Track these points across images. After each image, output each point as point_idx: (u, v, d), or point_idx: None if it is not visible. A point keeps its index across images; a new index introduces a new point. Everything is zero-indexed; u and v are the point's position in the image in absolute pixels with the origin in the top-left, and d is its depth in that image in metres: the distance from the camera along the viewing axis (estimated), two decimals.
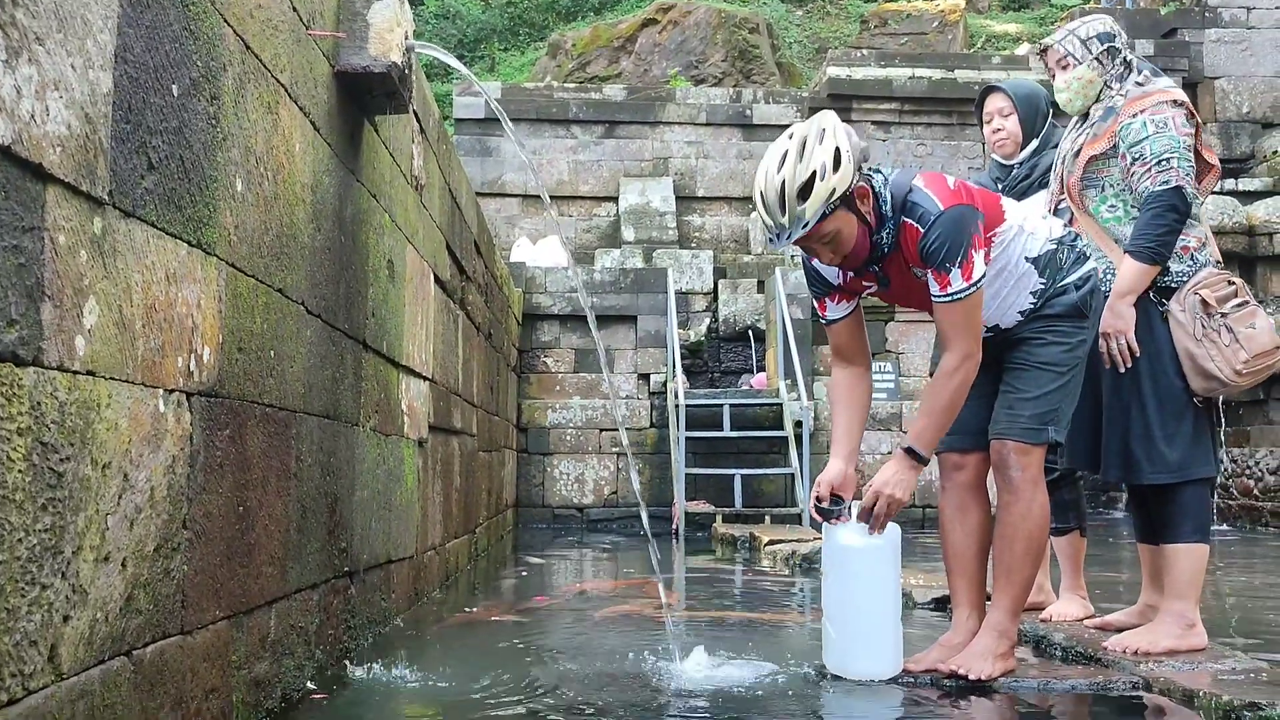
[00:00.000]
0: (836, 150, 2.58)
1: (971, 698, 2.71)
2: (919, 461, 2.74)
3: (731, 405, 9.31)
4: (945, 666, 2.82)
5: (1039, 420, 2.79)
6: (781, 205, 2.59)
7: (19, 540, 1.38)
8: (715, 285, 11.09)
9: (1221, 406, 3.48)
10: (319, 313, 2.75)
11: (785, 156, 2.61)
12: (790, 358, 9.11)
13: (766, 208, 2.63)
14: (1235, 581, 5.50)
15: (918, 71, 12.90)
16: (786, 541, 6.61)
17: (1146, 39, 13.19)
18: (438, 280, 4.62)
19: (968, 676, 2.76)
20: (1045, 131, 3.75)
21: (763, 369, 10.20)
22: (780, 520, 8.44)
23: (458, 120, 12.77)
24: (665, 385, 9.67)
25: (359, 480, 3.24)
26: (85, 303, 1.55)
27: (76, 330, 1.53)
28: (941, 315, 2.72)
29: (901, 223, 2.69)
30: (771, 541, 6.69)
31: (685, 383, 9.44)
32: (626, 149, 13.14)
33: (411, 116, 3.77)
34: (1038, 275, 2.83)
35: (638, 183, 12.89)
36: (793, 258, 10.14)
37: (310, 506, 2.72)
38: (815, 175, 2.56)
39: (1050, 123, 3.77)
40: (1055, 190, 3.41)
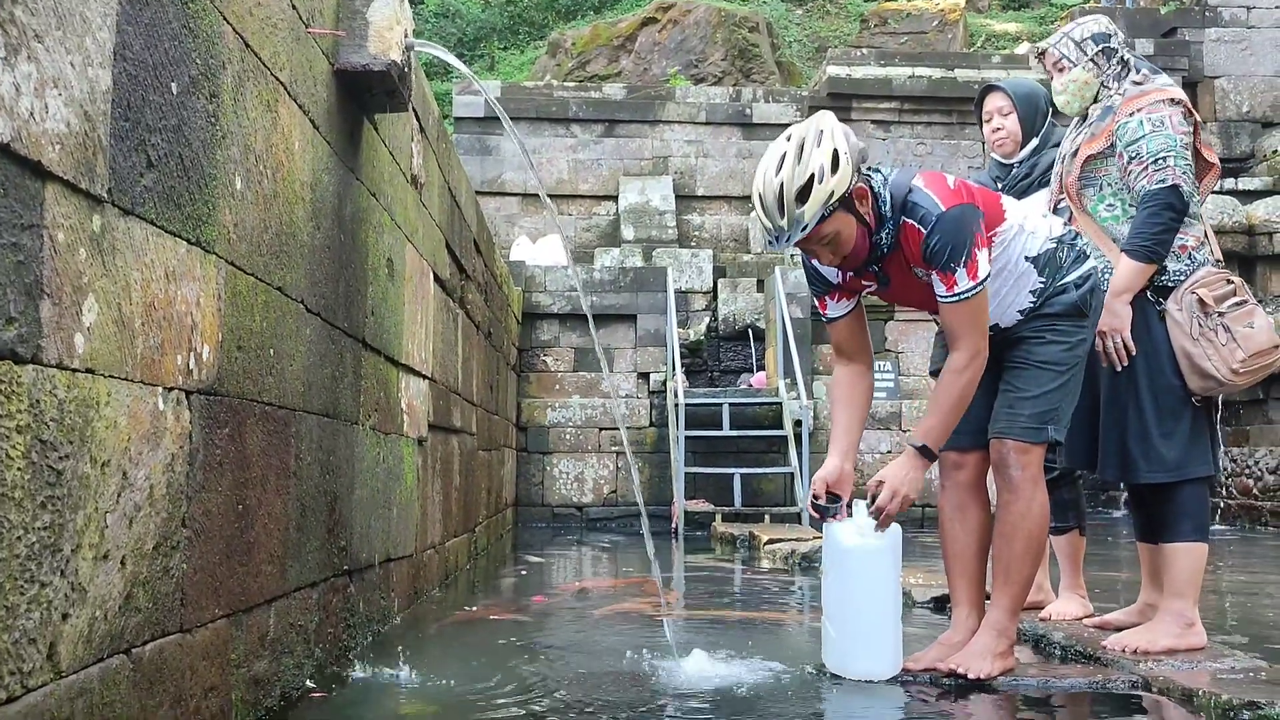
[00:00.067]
0: (834, 152, 2.58)
1: (971, 696, 2.71)
2: (929, 459, 2.75)
3: (731, 404, 9.31)
4: (944, 665, 2.82)
5: (1039, 419, 2.79)
6: (780, 208, 2.59)
7: (18, 538, 1.38)
8: (715, 284, 11.08)
9: (1221, 406, 3.48)
10: (318, 311, 2.75)
11: (783, 159, 2.60)
12: (790, 357, 9.11)
13: (765, 210, 2.62)
14: (1234, 580, 5.50)
15: (917, 71, 12.90)
16: (786, 540, 6.61)
17: (1146, 38, 13.19)
18: (437, 279, 4.62)
19: (967, 675, 2.77)
20: (1045, 131, 3.75)
21: (762, 368, 10.20)
22: (779, 519, 8.44)
23: (457, 119, 12.76)
24: (665, 384, 9.66)
25: (358, 479, 3.24)
26: (84, 300, 1.55)
27: (75, 328, 1.53)
28: (948, 315, 2.71)
29: (902, 223, 2.69)
30: (771, 540, 6.69)
31: (685, 382, 9.44)
32: (626, 148, 13.14)
33: (411, 115, 3.77)
34: (1037, 274, 2.83)
35: (637, 182, 12.89)
36: (792, 257, 10.14)
37: (310, 505, 2.72)
38: (814, 178, 2.56)
39: (1050, 122, 3.77)
40: (1055, 189, 3.41)
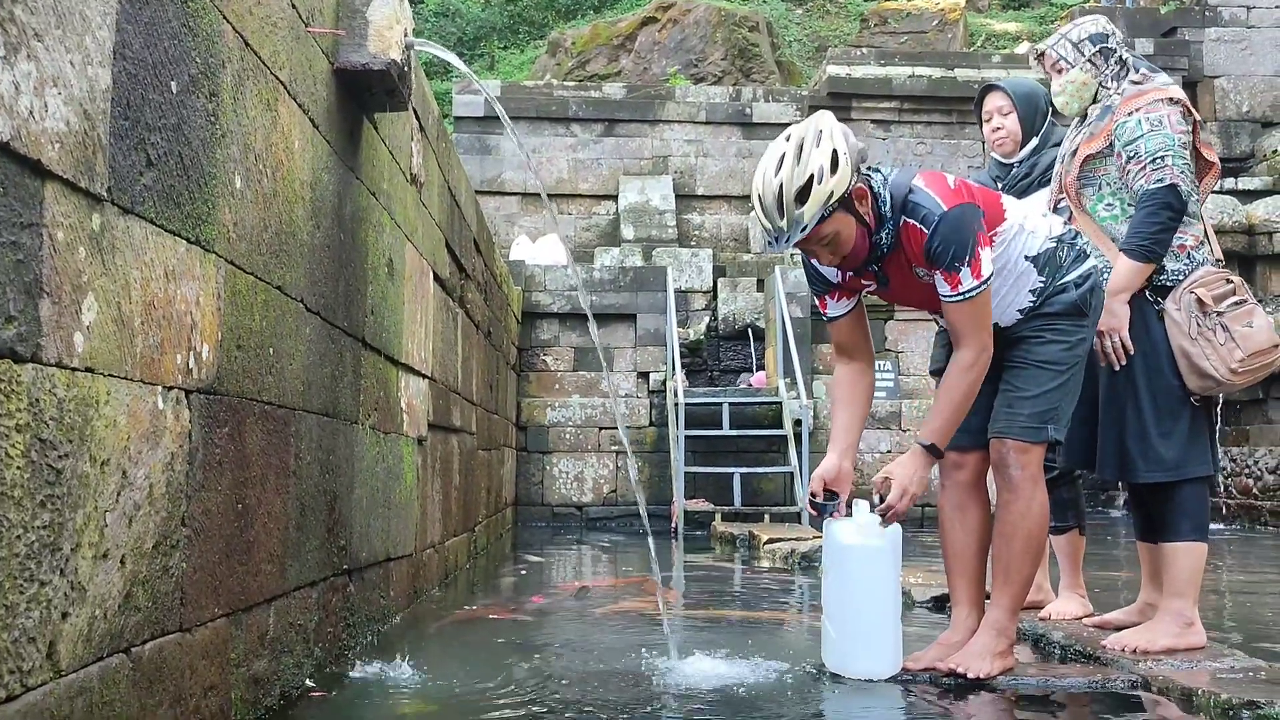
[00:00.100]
0: (834, 152, 2.57)
1: (970, 696, 2.71)
2: (936, 457, 2.76)
3: (731, 404, 9.31)
4: (944, 665, 2.82)
5: (1038, 419, 2.79)
6: (780, 209, 2.58)
7: (17, 537, 1.38)
8: (714, 284, 11.08)
9: (1221, 405, 3.48)
10: (318, 310, 2.75)
11: (782, 160, 2.60)
12: (789, 356, 9.11)
13: (765, 211, 2.62)
14: (1234, 580, 5.51)
15: (917, 70, 12.90)
16: (785, 540, 6.61)
17: (1146, 38, 13.19)
18: (437, 278, 4.62)
19: (966, 675, 2.76)
20: (1045, 130, 3.75)
21: (762, 367, 10.20)
22: (779, 519, 8.44)
23: (457, 118, 12.76)
24: (664, 384, 9.66)
25: (358, 478, 3.24)
26: (84, 299, 1.55)
27: (75, 327, 1.53)
28: (954, 314, 2.71)
29: (903, 223, 2.69)
30: (770, 540, 6.69)
31: (684, 381, 9.44)
32: (626, 147, 13.13)
33: (411, 114, 3.77)
34: (1037, 273, 2.82)
35: (637, 181, 12.88)
36: (792, 256, 10.13)
37: (309, 504, 2.72)
38: (813, 178, 2.55)
39: (1050, 121, 3.77)
40: (1055, 189, 3.41)
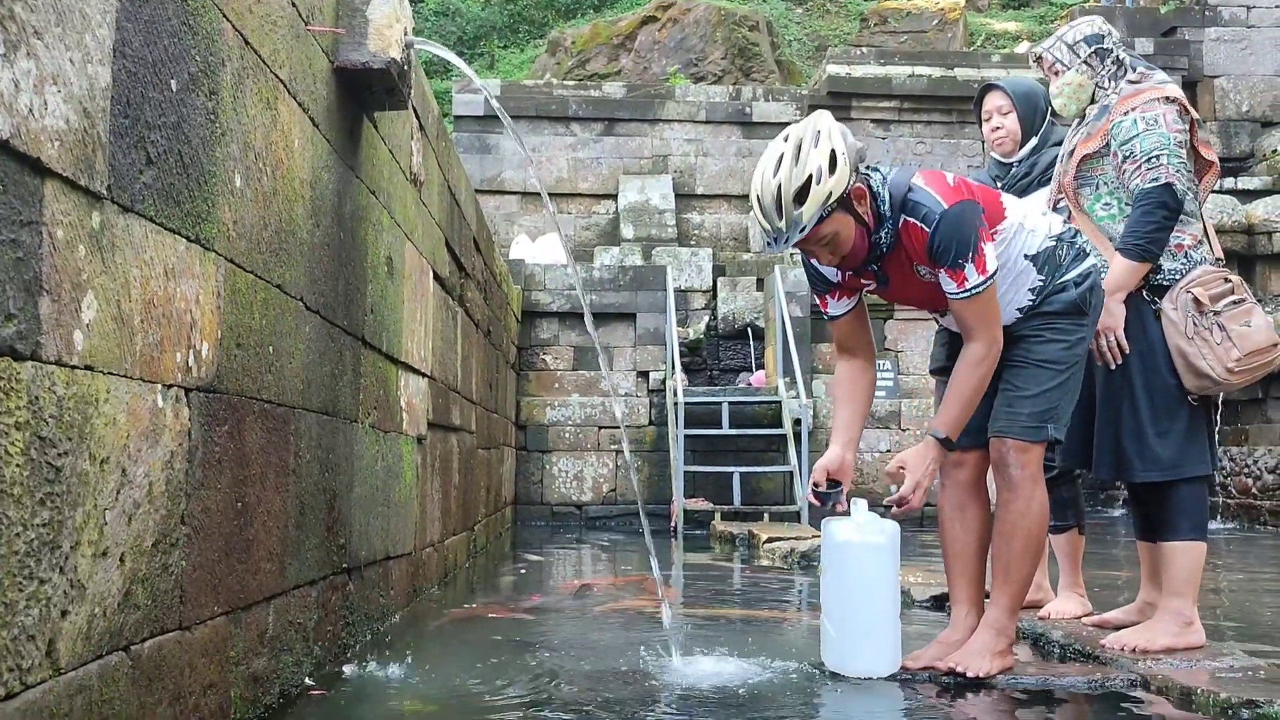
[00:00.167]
0: (832, 152, 2.57)
1: (969, 695, 2.71)
2: (948, 450, 2.78)
3: (730, 403, 9.30)
4: (943, 664, 2.82)
5: (1038, 418, 2.79)
6: (778, 209, 2.58)
7: (17, 535, 1.38)
8: (714, 283, 11.08)
9: (1220, 405, 3.48)
10: (318, 309, 2.75)
11: (781, 160, 2.59)
12: (789, 355, 9.11)
13: (764, 212, 2.62)
14: (1233, 579, 5.51)
15: (917, 69, 12.90)
16: (785, 539, 6.61)
17: (1146, 38, 13.19)
18: (437, 277, 4.62)
19: (965, 674, 2.77)
20: (1044, 130, 3.75)
21: (761, 367, 10.20)
22: (779, 518, 8.43)
23: (457, 117, 12.76)
24: (664, 383, 9.66)
25: (357, 477, 3.24)
26: (83, 297, 1.55)
27: (75, 325, 1.53)
28: (961, 311, 2.71)
29: (904, 222, 2.68)
30: (770, 539, 6.70)
31: (684, 380, 9.44)
32: (626, 146, 13.13)
33: (411, 113, 3.77)
34: (1036, 272, 2.82)
35: (637, 180, 12.88)
36: (792, 256, 10.13)
37: (309, 503, 2.72)
38: (811, 179, 2.55)
39: (1049, 121, 3.77)
40: (1054, 189, 3.41)
